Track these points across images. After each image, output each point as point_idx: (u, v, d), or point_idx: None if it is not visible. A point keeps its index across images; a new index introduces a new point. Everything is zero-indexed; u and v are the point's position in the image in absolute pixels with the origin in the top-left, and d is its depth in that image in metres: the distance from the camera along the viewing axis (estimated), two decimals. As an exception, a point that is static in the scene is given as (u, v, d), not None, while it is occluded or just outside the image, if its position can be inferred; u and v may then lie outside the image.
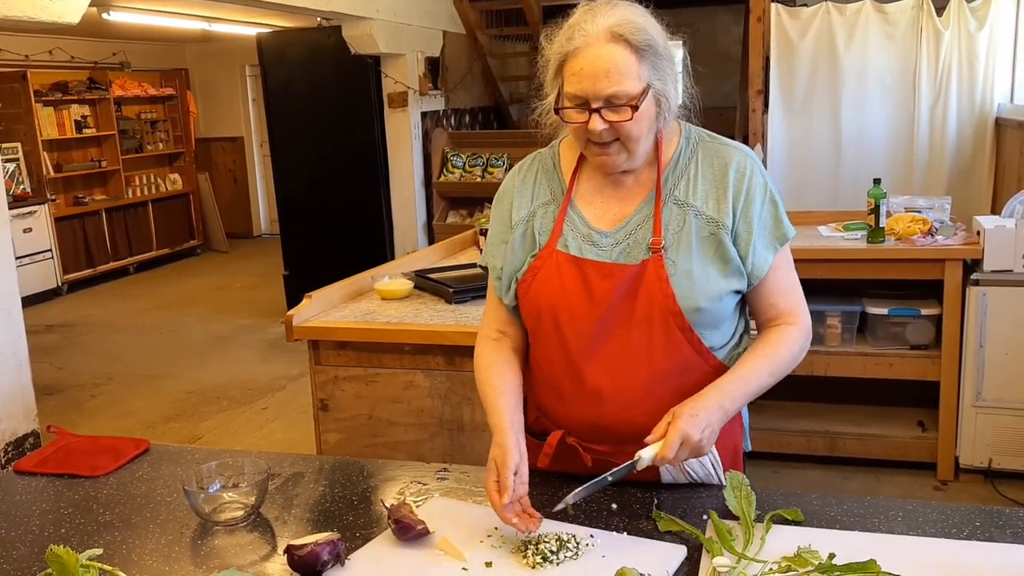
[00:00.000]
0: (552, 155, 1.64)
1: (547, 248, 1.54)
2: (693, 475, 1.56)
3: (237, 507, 1.50)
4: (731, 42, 9.98)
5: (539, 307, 1.54)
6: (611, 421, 1.52)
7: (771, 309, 1.56)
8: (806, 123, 5.27)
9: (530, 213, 1.59)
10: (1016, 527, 1.36)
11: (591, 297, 1.50)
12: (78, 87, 8.55)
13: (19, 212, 7.47)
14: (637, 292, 1.48)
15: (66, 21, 3.48)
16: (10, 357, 3.73)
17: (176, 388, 5.35)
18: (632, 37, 1.40)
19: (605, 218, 1.54)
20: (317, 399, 2.70)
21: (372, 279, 3.02)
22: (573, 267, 1.51)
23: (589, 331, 1.50)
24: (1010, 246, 3.25)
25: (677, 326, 1.48)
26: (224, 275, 8.88)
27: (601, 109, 1.41)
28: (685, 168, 1.54)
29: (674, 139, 1.57)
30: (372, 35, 5.92)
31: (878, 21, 5.06)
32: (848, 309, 3.62)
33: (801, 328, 1.57)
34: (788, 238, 1.55)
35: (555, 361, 1.55)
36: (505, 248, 1.60)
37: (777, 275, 1.54)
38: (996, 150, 5.00)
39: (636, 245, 1.50)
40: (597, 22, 1.41)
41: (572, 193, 1.58)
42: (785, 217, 1.55)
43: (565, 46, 1.43)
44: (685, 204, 1.51)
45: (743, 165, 1.52)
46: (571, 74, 1.42)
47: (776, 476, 3.64)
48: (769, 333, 1.56)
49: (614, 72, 1.39)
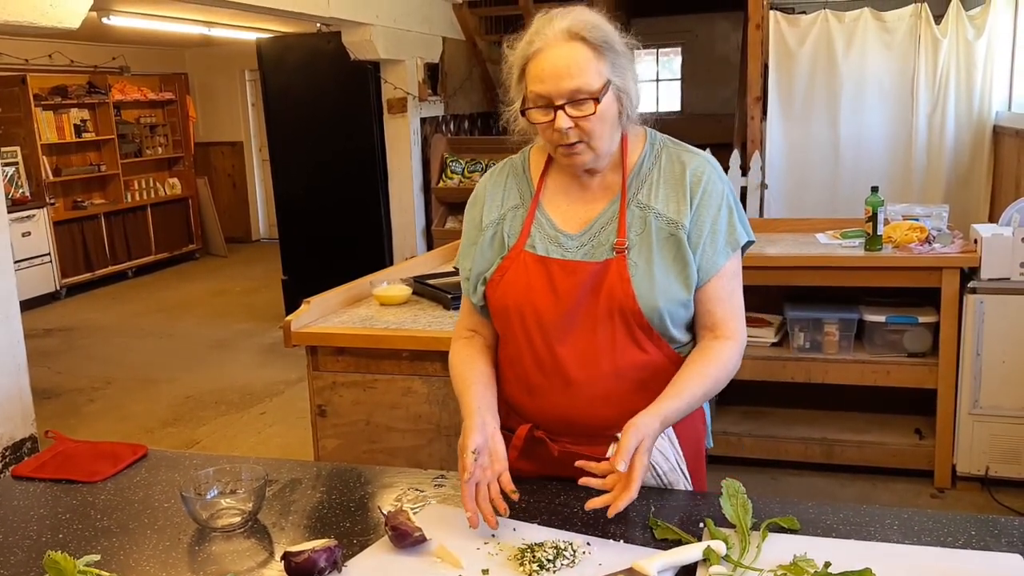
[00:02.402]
0: (523, 160, 1.71)
1: (515, 249, 1.61)
2: (660, 474, 1.58)
3: (234, 513, 1.50)
4: (730, 49, 10.01)
5: (506, 304, 1.60)
6: (580, 413, 1.57)
7: (707, 316, 1.58)
8: (804, 130, 5.29)
9: (500, 216, 1.65)
10: (1011, 535, 1.36)
11: (556, 293, 1.56)
12: (78, 91, 8.56)
13: (18, 216, 7.47)
14: (600, 290, 1.53)
15: (66, 26, 3.49)
16: (8, 361, 3.73)
17: (174, 393, 5.35)
18: (589, 35, 1.47)
19: (571, 221, 1.60)
20: (315, 405, 2.70)
21: (371, 284, 3.03)
22: (539, 266, 1.58)
23: (555, 326, 1.56)
24: (1007, 254, 3.26)
25: (638, 324, 1.53)
26: (223, 280, 8.88)
27: (565, 106, 1.46)
28: (648, 172, 1.59)
29: (639, 144, 1.62)
30: (372, 41, 5.93)
31: (876, 29, 5.08)
32: (846, 317, 3.62)
33: (737, 343, 1.60)
34: (740, 244, 1.58)
35: (524, 356, 1.60)
36: (474, 250, 1.66)
37: (720, 282, 1.57)
38: (994, 158, 5.02)
39: (600, 246, 1.56)
40: (554, 25, 1.48)
41: (540, 196, 1.64)
42: (741, 225, 1.58)
43: (526, 50, 1.50)
44: (647, 207, 1.56)
45: (701, 170, 1.57)
46: (534, 76, 1.48)
47: (774, 483, 3.64)
48: (707, 348, 1.58)
49: (574, 68, 1.45)
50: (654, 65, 11.49)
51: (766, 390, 3.89)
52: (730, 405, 3.96)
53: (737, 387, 3.83)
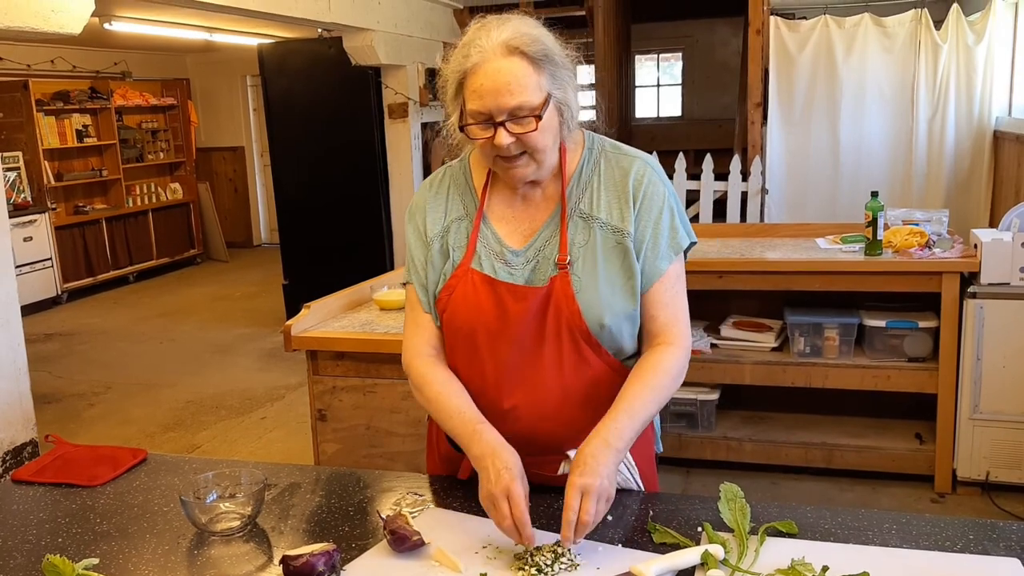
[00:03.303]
0: (463, 169, 1.65)
1: (462, 266, 1.55)
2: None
3: (233, 517, 1.51)
4: (730, 54, 10.02)
5: (457, 325, 1.55)
6: (526, 435, 1.53)
7: (652, 321, 1.55)
8: (805, 135, 5.30)
9: (444, 228, 1.60)
10: (1009, 540, 1.36)
11: (506, 317, 1.51)
12: (79, 96, 8.58)
13: (19, 221, 7.49)
14: (547, 310, 1.50)
15: (68, 31, 3.50)
16: (9, 366, 3.73)
17: (175, 397, 5.35)
18: (528, 48, 1.42)
19: (515, 234, 1.56)
20: (315, 409, 2.70)
21: (371, 289, 3.03)
22: (488, 287, 1.53)
23: (505, 350, 1.51)
24: (1007, 259, 3.26)
25: (584, 341, 1.50)
26: (224, 284, 8.89)
27: (505, 122, 1.42)
28: (588, 180, 1.56)
29: (577, 150, 1.58)
30: (372, 46, 5.94)
31: (877, 34, 5.09)
32: (846, 321, 3.62)
33: (680, 348, 1.55)
34: (682, 248, 1.56)
35: (473, 379, 1.56)
36: (428, 264, 1.60)
37: (663, 287, 1.54)
38: (994, 163, 5.03)
39: (545, 261, 1.52)
40: (491, 37, 1.42)
41: (484, 208, 1.59)
42: (683, 226, 1.56)
43: (463, 64, 1.44)
44: (590, 217, 1.53)
45: (642, 173, 1.54)
46: (472, 91, 1.43)
47: (774, 488, 3.64)
48: (648, 357, 1.54)
49: (514, 84, 1.40)
50: (655, 70, 11.52)
51: (766, 395, 3.90)
52: (730, 410, 3.96)
53: (737, 392, 3.88)
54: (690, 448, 3.78)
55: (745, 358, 3.70)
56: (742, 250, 3.77)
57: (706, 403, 3.80)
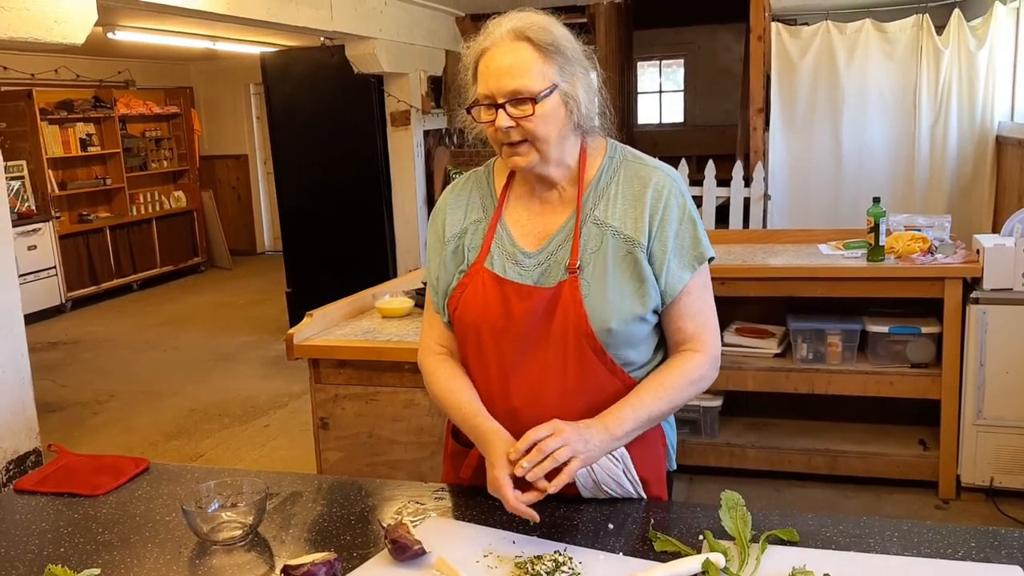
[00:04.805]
0: (487, 173, 1.69)
1: (475, 265, 1.59)
2: (610, 492, 1.57)
3: (235, 526, 1.51)
4: (732, 60, 10.03)
5: (466, 323, 1.59)
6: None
7: (678, 333, 1.57)
8: (807, 141, 5.30)
9: (462, 230, 1.64)
10: (1011, 547, 1.36)
11: (510, 316, 1.54)
12: (83, 105, 8.61)
13: (24, 229, 7.51)
14: (553, 313, 1.52)
15: (71, 41, 3.51)
16: (12, 375, 3.73)
17: (178, 405, 5.36)
18: (536, 37, 1.46)
19: (530, 236, 1.59)
20: (317, 417, 2.71)
21: (373, 297, 3.04)
22: (496, 286, 1.56)
23: (510, 349, 1.54)
24: (1009, 264, 3.26)
25: (589, 346, 1.51)
26: (227, 292, 8.90)
27: (506, 105, 1.46)
28: (606, 187, 1.57)
29: (599, 156, 1.60)
30: (375, 54, 5.96)
31: (878, 40, 5.09)
32: (848, 327, 3.62)
33: (706, 355, 1.57)
34: (705, 258, 1.57)
35: (480, 376, 1.59)
36: (441, 264, 1.64)
37: (690, 298, 1.56)
38: (997, 168, 5.02)
39: (556, 265, 1.54)
40: (504, 25, 1.49)
41: (502, 209, 1.62)
42: (704, 238, 1.58)
43: (477, 50, 1.52)
44: (603, 224, 1.55)
45: (661, 184, 1.56)
46: (481, 75, 1.50)
47: (777, 495, 3.64)
48: (672, 360, 1.58)
49: (516, 68, 1.45)
50: (657, 76, 11.54)
51: (769, 401, 3.89)
52: (733, 416, 3.96)
53: (740, 398, 3.88)
54: (693, 455, 3.77)
55: (748, 364, 3.70)
56: (744, 256, 3.77)
57: (709, 410, 3.79)
